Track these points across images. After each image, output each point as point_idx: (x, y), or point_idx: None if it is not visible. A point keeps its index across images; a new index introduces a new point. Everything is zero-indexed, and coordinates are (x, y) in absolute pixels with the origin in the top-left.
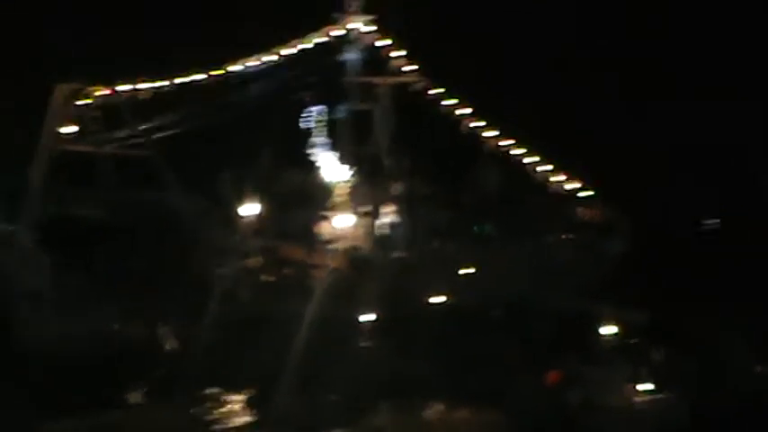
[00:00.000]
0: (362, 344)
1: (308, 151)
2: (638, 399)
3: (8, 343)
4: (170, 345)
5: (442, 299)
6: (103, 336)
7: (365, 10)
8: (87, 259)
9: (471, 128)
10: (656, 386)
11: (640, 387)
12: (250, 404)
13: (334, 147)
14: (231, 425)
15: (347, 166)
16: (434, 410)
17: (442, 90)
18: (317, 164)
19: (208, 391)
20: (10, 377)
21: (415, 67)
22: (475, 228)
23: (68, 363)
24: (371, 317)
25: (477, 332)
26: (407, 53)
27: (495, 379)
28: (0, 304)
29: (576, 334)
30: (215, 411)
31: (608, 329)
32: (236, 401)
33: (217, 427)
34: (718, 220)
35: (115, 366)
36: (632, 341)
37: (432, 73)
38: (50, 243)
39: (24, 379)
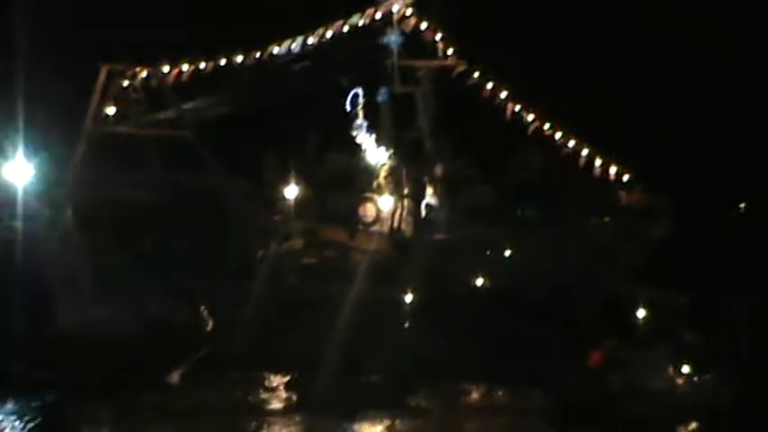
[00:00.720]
0: (404, 326)
1: (351, 133)
2: (679, 381)
3: (49, 326)
4: (211, 326)
5: (483, 281)
6: (144, 318)
7: None
8: (130, 241)
9: (513, 111)
10: (698, 369)
11: (682, 370)
12: (291, 386)
13: (375, 129)
14: (272, 407)
15: (389, 149)
16: (476, 393)
17: (482, 73)
18: (360, 146)
19: (249, 372)
20: (50, 360)
21: (457, 50)
22: (517, 211)
23: (108, 345)
24: (413, 298)
25: (519, 315)
26: (449, 36)
27: (536, 362)
28: (40, 288)
29: (618, 317)
30: (256, 393)
31: (649, 312)
32: (277, 383)
33: (258, 408)
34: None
35: (155, 348)
36: (674, 324)
37: (473, 56)
38: (93, 225)
39: (64, 362)
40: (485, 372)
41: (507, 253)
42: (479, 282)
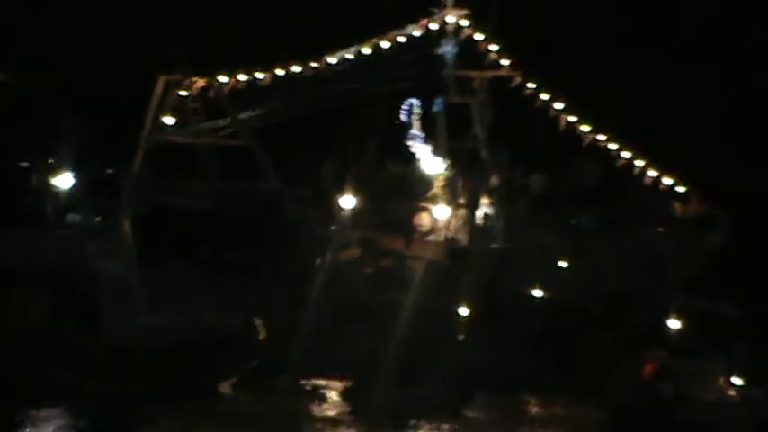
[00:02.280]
0: (460, 335)
1: (407, 143)
2: (731, 393)
3: (102, 335)
4: (264, 336)
5: (539, 291)
6: (198, 327)
7: (461, 4)
8: (187, 250)
9: (568, 122)
10: (749, 381)
11: (734, 381)
12: (346, 395)
13: (431, 139)
14: (326, 415)
15: (444, 159)
16: (532, 404)
17: (537, 84)
18: (416, 156)
19: (303, 381)
20: (103, 369)
21: (512, 60)
22: (573, 221)
23: (161, 354)
24: (469, 308)
25: (575, 325)
26: (504, 47)
27: (592, 372)
28: (94, 296)
29: (672, 327)
30: (310, 402)
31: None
32: (331, 392)
33: (312, 417)
34: None
35: (209, 357)
36: (727, 335)
37: (528, 67)
38: (150, 234)
39: (117, 371)
40: (541, 382)
41: (563, 263)
42: (535, 292)
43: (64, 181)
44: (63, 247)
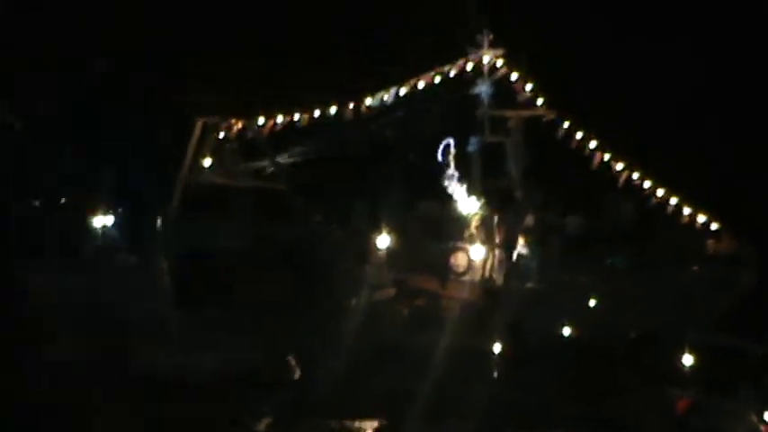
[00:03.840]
0: (493, 375)
1: (443, 183)
2: (763, 429)
3: (136, 373)
4: (298, 375)
5: (570, 331)
6: (231, 364)
7: (496, 44)
8: (222, 291)
9: (602, 161)
10: None
11: (765, 417)
12: None
13: (466, 179)
14: None
15: (480, 199)
16: None
17: (572, 123)
18: (451, 196)
19: (336, 420)
20: (138, 407)
21: (546, 99)
22: (608, 261)
23: (195, 393)
24: (501, 348)
25: (604, 363)
26: (538, 86)
27: (621, 410)
28: (128, 335)
29: (703, 365)
30: None
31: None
32: (365, 431)
33: None
34: None
35: (243, 396)
36: (759, 372)
37: (563, 106)
38: (185, 274)
39: (151, 409)
40: (569, 419)
41: (592, 302)
42: (566, 331)
43: (104, 221)
44: (100, 286)
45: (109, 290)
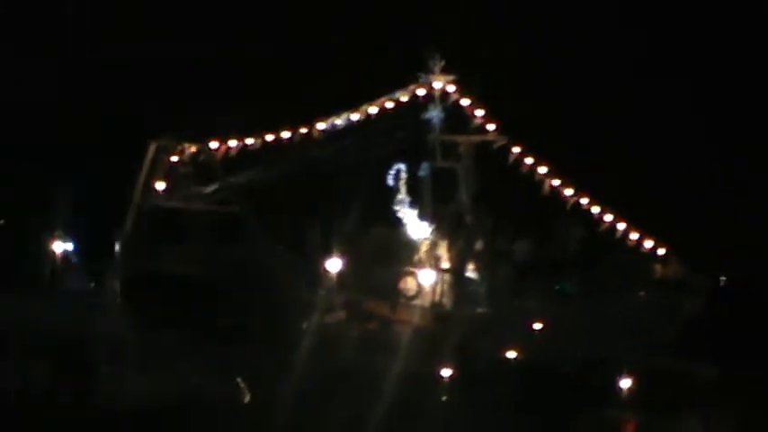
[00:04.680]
0: (442, 398)
1: (393, 208)
2: None
3: (95, 397)
4: (247, 399)
5: (516, 354)
6: (184, 389)
7: (447, 70)
8: (175, 315)
9: (551, 186)
10: None
11: None
12: None
13: (417, 204)
14: None
15: (430, 223)
16: None
17: (522, 149)
18: (402, 220)
19: None
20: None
21: (497, 125)
22: (557, 286)
23: (146, 417)
24: (450, 372)
25: (550, 387)
26: (489, 112)
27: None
28: (84, 359)
29: (650, 389)
30: None
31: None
32: None
33: None
34: None
35: (193, 421)
36: (704, 396)
37: (513, 132)
38: (138, 299)
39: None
40: None
41: (540, 327)
42: (513, 355)
43: (61, 246)
44: (58, 311)
45: (67, 313)
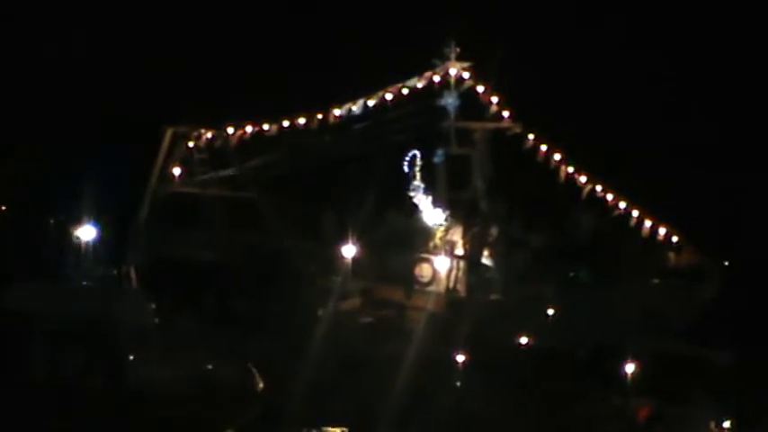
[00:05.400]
0: (456, 383)
1: (409, 194)
2: None
3: (119, 383)
4: (262, 386)
5: (532, 340)
6: (200, 376)
7: (463, 57)
8: (191, 300)
9: (566, 173)
10: (739, 425)
11: (724, 425)
12: None
13: (432, 190)
14: None
15: (445, 210)
16: None
17: (537, 136)
18: (417, 207)
19: (301, 429)
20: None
21: (512, 112)
22: (570, 273)
23: (166, 403)
24: (464, 357)
25: (566, 373)
26: (504, 99)
27: (583, 419)
28: (108, 346)
29: (663, 374)
30: None
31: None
32: None
33: None
34: None
35: (210, 406)
36: (717, 381)
37: (528, 119)
38: (155, 284)
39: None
40: (530, 426)
41: (554, 313)
42: (526, 340)
43: (85, 233)
44: (83, 297)
45: (91, 300)
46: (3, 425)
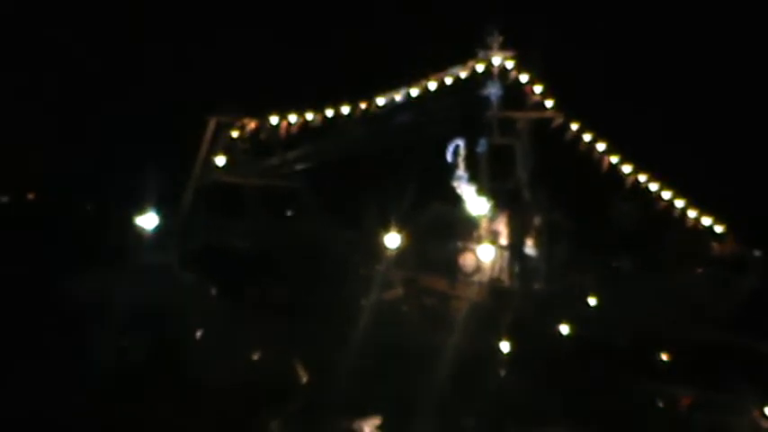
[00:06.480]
0: (500, 373)
1: (452, 184)
2: (766, 425)
3: (184, 371)
4: (306, 379)
5: (576, 330)
6: (244, 367)
7: (507, 46)
8: (233, 290)
9: (610, 163)
10: None
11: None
12: (384, 429)
13: (475, 180)
14: None
15: (488, 200)
16: None
17: (580, 125)
18: (460, 196)
19: (344, 419)
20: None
21: (555, 102)
22: (613, 263)
23: (218, 392)
24: (507, 347)
25: (609, 362)
26: (548, 89)
27: (626, 407)
28: (173, 332)
29: (706, 363)
30: None
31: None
32: (370, 426)
33: None
34: None
35: (255, 397)
36: (759, 368)
37: (571, 109)
38: (199, 273)
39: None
40: (579, 418)
41: (597, 303)
42: (569, 330)
43: (146, 220)
44: (144, 284)
45: (152, 287)
46: (71, 412)
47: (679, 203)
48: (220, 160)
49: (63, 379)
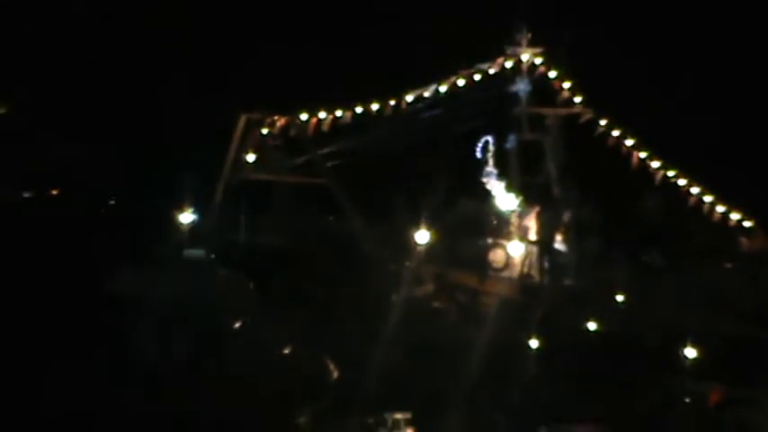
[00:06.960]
0: (529, 370)
1: (481, 180)
2: None
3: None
4: (336, 375)
5: (605, 326)
6: (274, 362)
7: (535, 42)
8: (264, 286)
9: (639, 158)
10: None
11: None
12: (415, 424)
13: (504, 176)
14: None
15: (518, 195)
16: None
17: (609, 121)
18: (490, 192)
19: (374, 414)
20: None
21: (584, 98)
22: (642, 258)
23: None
24: (538, 344)
25: (639, 358)
26: (576, 85)
27: (655, 403)
28: (216, 328)
29: (735, 358)
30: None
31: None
32: (400, 420)
33: None
34: None
35: (285, 392)
36: None
37: (600, 104)
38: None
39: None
40: (609, 414)
41: (626, 299)
42: (599, 326)
43: (186, 217)
44: (187, 281)
45: (194, 283)
46: (117, 410)
47: (708, 198)
48: (251, 157)
49: (108, 376)
